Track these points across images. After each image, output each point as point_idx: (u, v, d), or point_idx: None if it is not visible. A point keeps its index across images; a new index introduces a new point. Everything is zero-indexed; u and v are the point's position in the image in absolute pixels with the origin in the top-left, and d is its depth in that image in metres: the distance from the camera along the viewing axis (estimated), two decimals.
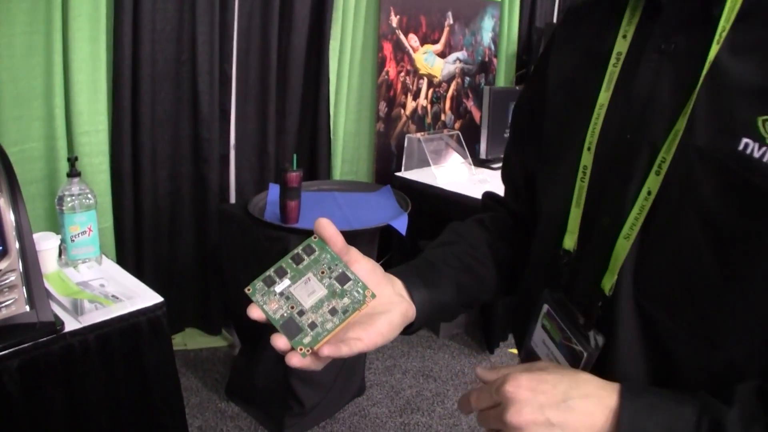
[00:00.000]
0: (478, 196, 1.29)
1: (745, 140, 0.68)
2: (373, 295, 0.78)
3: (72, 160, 2.02)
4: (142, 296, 1.84)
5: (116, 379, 1.71)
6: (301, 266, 0.79)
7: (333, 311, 0.76)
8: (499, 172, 1.24)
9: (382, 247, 3.51)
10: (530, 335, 0.97)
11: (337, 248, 0.81)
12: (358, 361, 3.09)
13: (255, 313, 0.76)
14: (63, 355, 1.59)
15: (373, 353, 3.55)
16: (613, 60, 0.85)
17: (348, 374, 2.99)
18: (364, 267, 0.84)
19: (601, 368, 0.81)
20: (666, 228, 0.76)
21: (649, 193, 0.75)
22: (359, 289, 0.78)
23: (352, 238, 2.68)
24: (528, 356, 0.98)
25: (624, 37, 0.85)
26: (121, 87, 2.78)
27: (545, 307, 0.93)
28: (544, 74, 1.03)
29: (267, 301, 0.76)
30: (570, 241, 0.89)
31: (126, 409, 1.74)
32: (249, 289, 0.77)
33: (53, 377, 1.57)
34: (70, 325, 1.63)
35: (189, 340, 3.50)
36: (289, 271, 0.78)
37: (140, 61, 2.82)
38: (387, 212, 2.93)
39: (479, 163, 4.13)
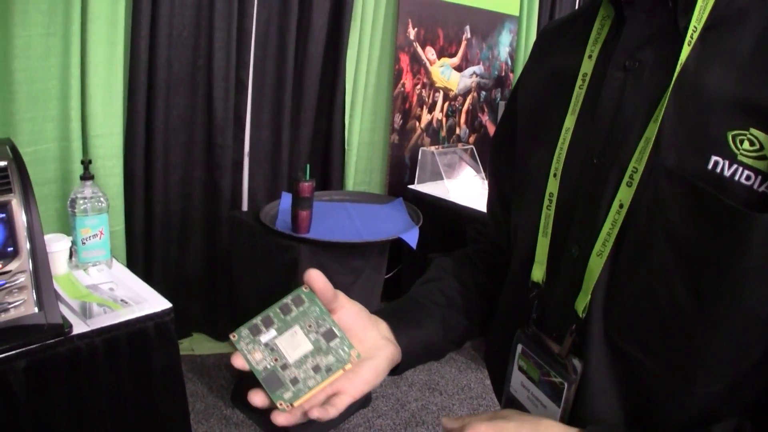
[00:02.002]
0: None
1: (714, 158, 0.65)
2: (359, 356, 0.76)
3: (85, 163, 2.02)
4: (151, 301, 1.84)
5: (122, 383, 1.70)
6: (288, 318, 0.77)
7: (317, 368, 0.74)
8: None
9: (393, 259, 3.50)
10: (508, 381, 0.93)
11: (326, 298, 0.78)
12: None
13: (238, 362, 0.74)
14: (70, 358, 1.58)
15: None
16: (579, 82, 0.82)
17: None
18: (349, 312, 0.81)
19: (576, 401, 0.79)
20: (635, 252, 0.72)
21: (621, 206, 0.72)
22: (345, 348, 0.76)
23: (362, 249, 2.71)
24: (509, 404, 0.93)
25: (590, 57, 0.82)
26: (136, 91, 2.79)
27: (519, 347, 0.89)
28: (516, 101, 1.00)
29: (251, 350, 0.74)
30: (539, 273, 0.86)
31: (131, 414, 1.73)
32: (234, 336, 0.75)
33: (59, 379, 1.57)
34: (78, 327, 1.63)
35: (196, 345, 3.50)
36: (276, 321, 0.76)
37: (156, 65, 2.84)
38: (398, 225, 2.92)
39: None
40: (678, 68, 0.68)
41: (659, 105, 0.69)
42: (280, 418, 0.70)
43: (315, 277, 0.76)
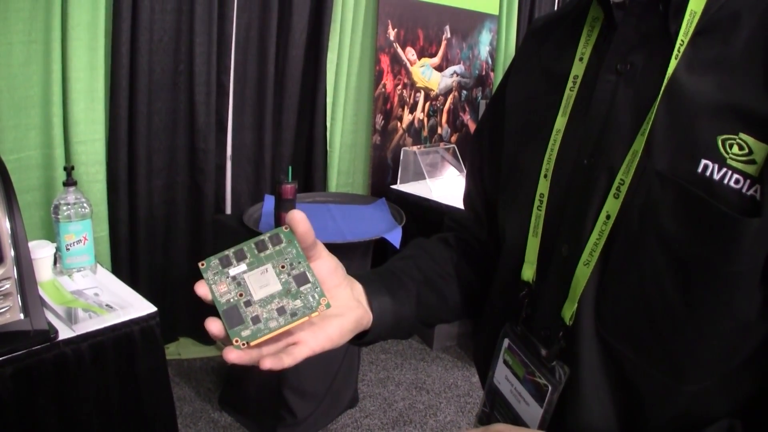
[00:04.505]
0: None
1: (704, 162, 0.66)
2: (328, 305, 0.71)
3: (68, 170, 2.02)
4: (136, 306, 1.84)
5: (109, 388, 1.71)
6: (262, 255, 0.72)
7: (281, 311, 0.69)
8: None
9: (377, 259, 3.51)
10: (492, 372, 0.93)
11: (306, 244, 0.73)
12: (351, 372, 3.09)
13: (201, 289, 0.71)
14: (56, 364, 1.59)
15: (366, 365, 3.56)
16: (569, 84, 0.83)
17: (341, 386, 2.99)
18: (326, 264, 0.78)
19: (565, 404, 0.79)
20: (626, 255, 0.72)
21: (608, 217, 0.72)
22: (315, 295, 0.71)
23: (346, 250, 2.72)
24: (491, 394, 0.94)
25: (581, 59, 0.82)
26: (118, 96, 2.80)
27: (506, 341, 0.90)
28: (503, 98, 1.00)
29: (217, 281, 0.71)
30: (529, 272, 0.86)
31: (118, 418, 1.74)
32: (203, 264, 0.72)
33: (46, 385, 1.57)
34: (64, 333, 1.63)
35: (183, 349, 3.50)
36: (249, 256, 0.72)
37: (138, 70, 2.84)
38: (381, 225, 2.94)
39: None
40: (666, 81, 0.69)
41: (647, 116, 0.70)
42: (232, 355, 0.66)
43: (299, 219, 0.72)
